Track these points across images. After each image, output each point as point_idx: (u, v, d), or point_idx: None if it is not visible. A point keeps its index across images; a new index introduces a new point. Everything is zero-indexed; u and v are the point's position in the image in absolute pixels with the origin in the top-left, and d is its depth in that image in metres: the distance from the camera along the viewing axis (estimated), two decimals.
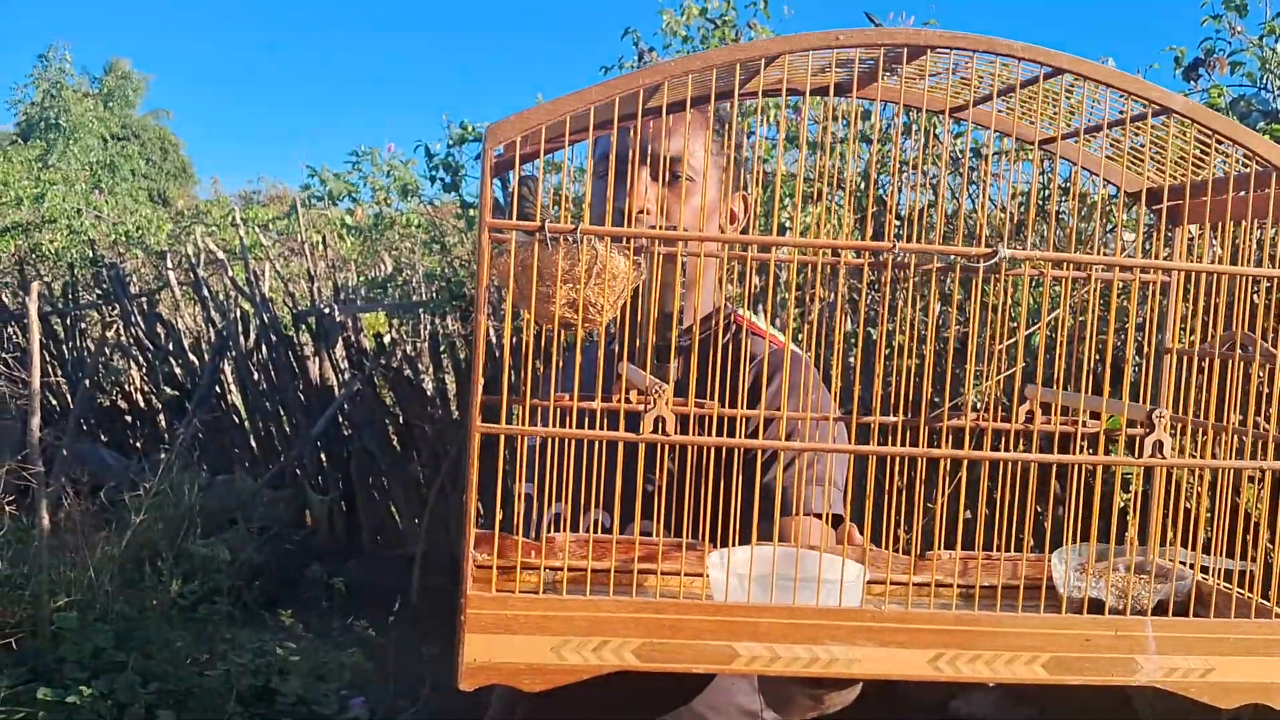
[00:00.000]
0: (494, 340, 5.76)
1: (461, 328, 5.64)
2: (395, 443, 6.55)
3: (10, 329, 7.62)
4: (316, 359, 6.72)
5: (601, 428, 1.07)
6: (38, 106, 26.49)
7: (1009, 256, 0.91)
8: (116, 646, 3.89)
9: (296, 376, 6.79)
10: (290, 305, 6.97)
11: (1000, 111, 1.07)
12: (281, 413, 6.98)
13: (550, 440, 1.17)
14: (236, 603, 4.59)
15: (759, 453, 1.42)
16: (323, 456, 6.83)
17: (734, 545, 1.04)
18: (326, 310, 6.34)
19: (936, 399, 1.06)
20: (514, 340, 5.24)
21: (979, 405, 1.02)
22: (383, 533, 6.67)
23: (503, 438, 0.99)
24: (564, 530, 1.22)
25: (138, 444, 7.59)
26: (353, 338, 6.55)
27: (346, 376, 6.54)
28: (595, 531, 1.34)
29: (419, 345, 6.38)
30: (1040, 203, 3.19)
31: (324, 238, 6.91)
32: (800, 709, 1.25)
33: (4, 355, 6.26)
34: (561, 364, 1.83)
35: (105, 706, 3.53)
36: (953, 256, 0.95)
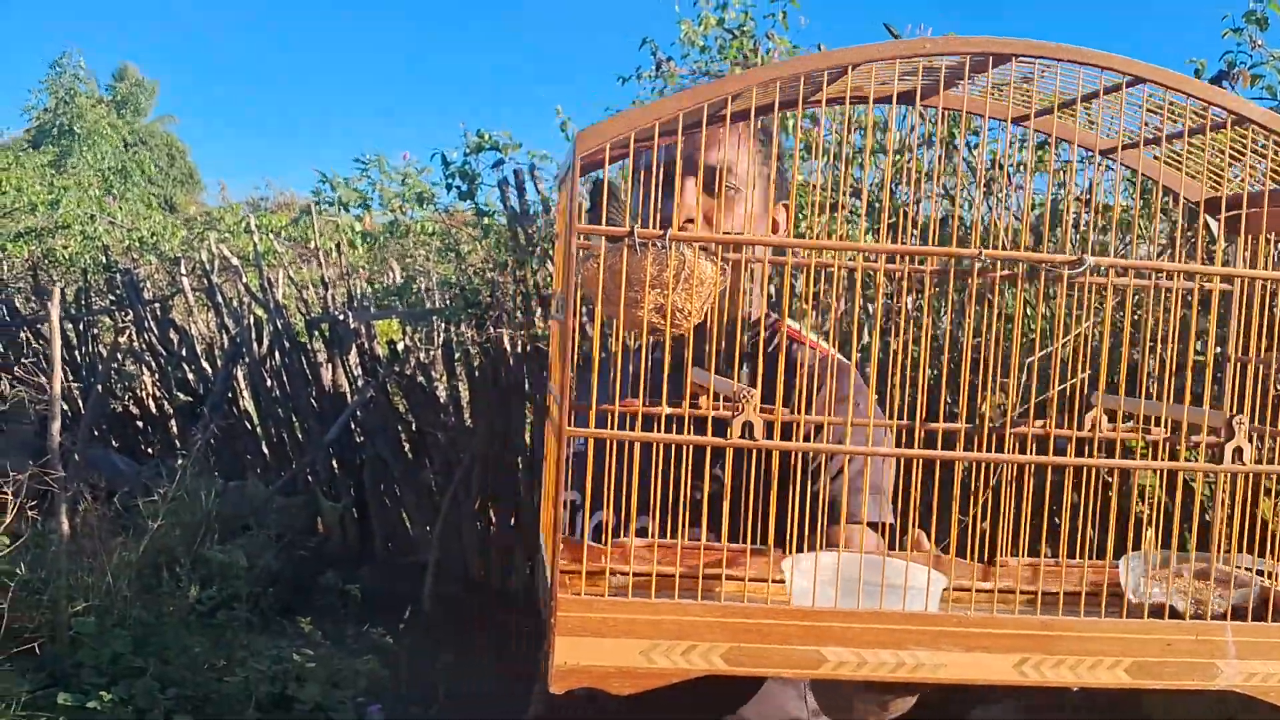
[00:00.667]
0: (509, 348, 5.77)
1: (476, 335, 5.64)
2: (408, 450, 6.55)
3: (24, 334, 7.64)
4: (330, 365, 6.73)
5: (668, 433, 1.07)
6: (50, 113, 26.60)
7: (1094, 265, 0.91)
8: (134, 652, 3.89)
9: (309, 383, 6.80)
10: (304, 311, 6.98)
11: (1060, 119, 1.07)
12: (294, 419, 6.99)
13: (610, 445, 1.17)
14: (253, 609, 4.59)
15: (809, 461, 1.42)
16: (335, 463, 6.83)
17: (797, 551, 1.04)
18: (341, 317, 6.34)
19: (1001, 405, 1.07)
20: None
21: (1044, 412, 1.02)
22: (394, 540, 6.66)
23: (591, 441, 0.99)
24: (630, 536, 1.22)
25: (149, 449, 7.60)
26: (366, 344, 6.56)
27: (360, 383, 6.54)
28: (644, 538, 1.34)
29: (432, 352, 6.38)
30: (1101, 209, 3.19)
31: (338, 245, 6.92)
32: (861, 715, 1.25)
33: (24, 361, 6.27)
34: (604, 371, 1.84)
35: (125, 712, 3.53)
36: (1028, 263, 0.95)
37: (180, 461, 5.31)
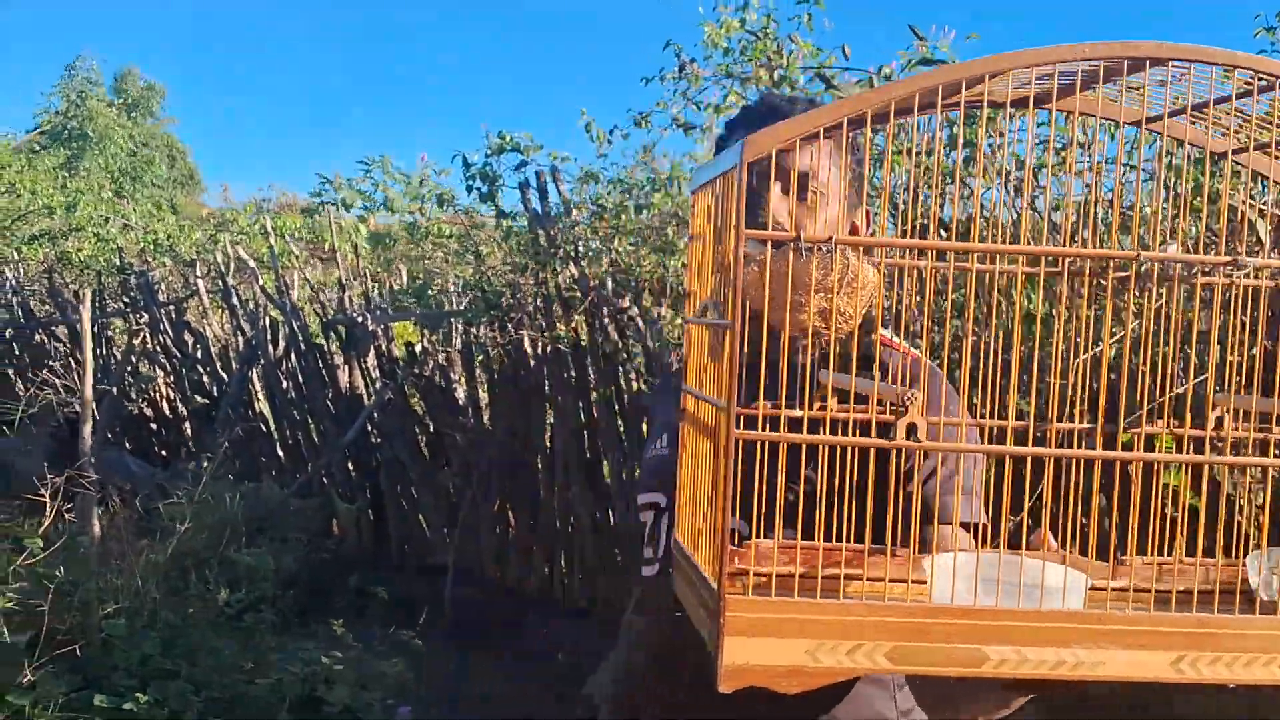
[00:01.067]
0: (529, 350, 5.78)
1: (499, 336, 5.64)
2: (425, 452, 6.55)
3: (39, 335, 7.64)
4: (346, 367, 6.73)
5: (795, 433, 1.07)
6: (61, 115, 26.65)
7: (1253, 266, 0.92)
8: (163, 654, 3.89)
9: (325, 385, 6.80)
10: (320, 313, 6.98)
11: (1193, 124, 1.08)
12: (310, 421, 6.99)
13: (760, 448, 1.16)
14: (278, 612, 4.59)
15: (904, 463, 1.42)
16: (350, 465, 6.83)
17: (937, 551, 1.05)
18: (360, 319, 6.34)
19: (1139, 406, 1.07)
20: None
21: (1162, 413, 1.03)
22: (410, 543, 6.66)
23: (765, 444, 0.99)
24: (775, 536, 1.21)
25: (163, 452, 7.60)
26: (384, 346, 6.56)
27: (378, 385, 6.54)
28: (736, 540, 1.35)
29: (450, 354, 6.38)
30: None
31: (355, 245, 6.93)
32: (984, 708, 1.26)
33: (51, 363, 6.26)
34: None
35: (160, 713, 3.53)
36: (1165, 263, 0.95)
37: (205, 464, 5.31)
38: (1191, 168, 1.18)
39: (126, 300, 7.85)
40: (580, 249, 5.41)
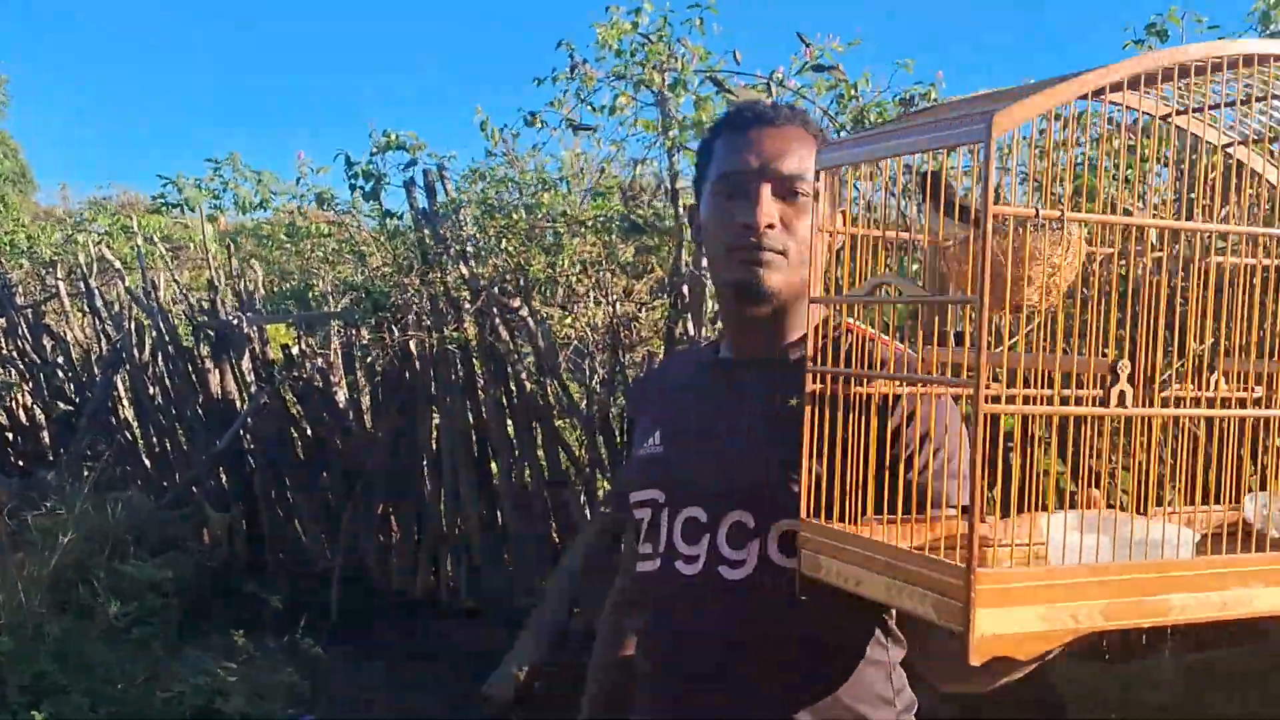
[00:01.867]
0: (415, 352, 5.71)
1: (389, 338, 5.56)
2: (303, 458, 6.42)
3: None
4: (218, 372, 6.55)
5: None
6: None
7: None
8: (57, 670, 3.75)
9: (197, 390, 6.61)
10: (189, 316, 6.77)
11: None
12: (179, 428, 6.78)
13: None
14: (166, 623, 4.46)
15: (903, 450, 1.47)
16: (222, 472, 6.65)
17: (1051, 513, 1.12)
18: (234, 321, 6.18)
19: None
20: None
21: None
22: (287, 550, 6.53)
23: (1015, 418, 1.04)
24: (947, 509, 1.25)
25: (19, 462, 7.28)
26: (258, 349, 6.41)
27: (253, 390, 6.38)
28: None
29: (329, 357, 6.27)
30: None
31: (229, 245, 6.74)
32: (991, 678, 1.32)
33: None
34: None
35: None
36: None
37: (67, 474, 5.11)
38: None
39: None
40: (469, 248, 5.38)
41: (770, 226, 1.53)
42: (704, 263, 3.53)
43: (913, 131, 1.09)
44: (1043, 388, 1.08)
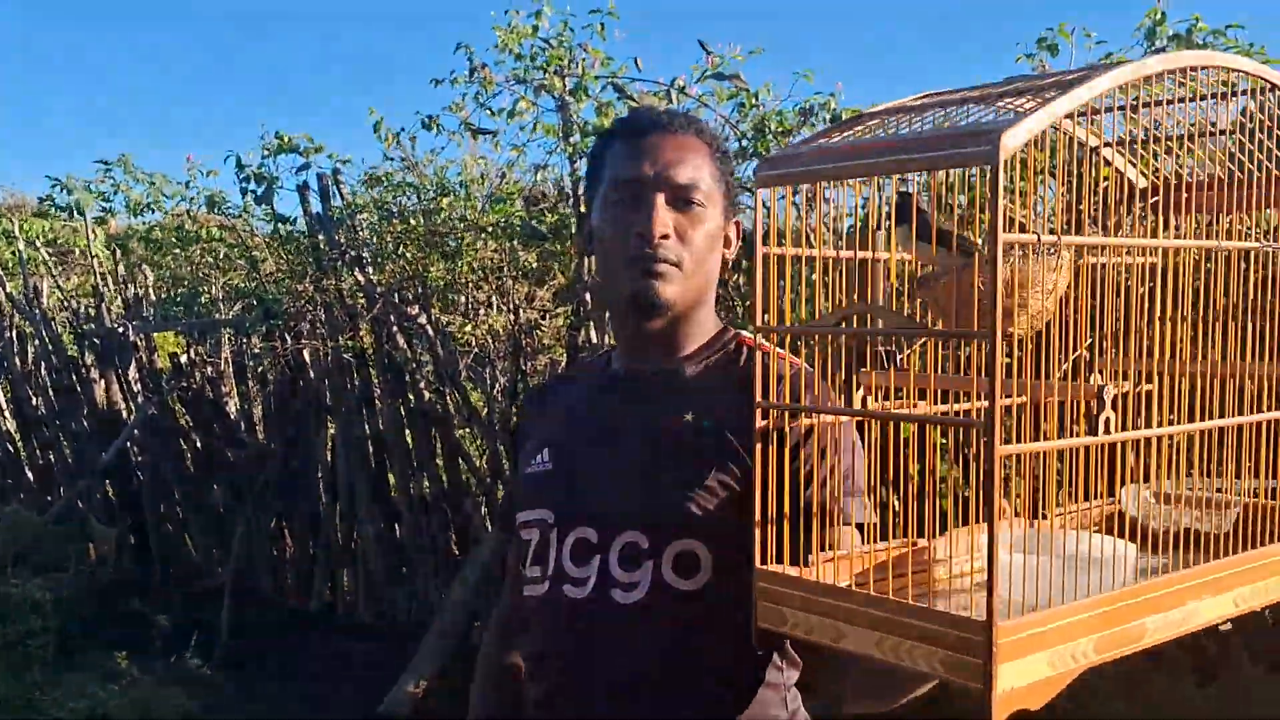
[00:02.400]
0: (309, 361, 5.56)
1: (281, 347, 5.40)
2: (193, 470, 6.23)
3: None
4: (103, 381, 6.32)
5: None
6: None
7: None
8: None
9: (82, 400, 6.37)
10: (73, 323, 6.53)
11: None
12: (63, 439, 6.54)
13: None
14: (46, 644, 4.27)
15: (800, 467, 1.43)
16: (108, 486, 6.42)
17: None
18: (120, 329, 5.97)
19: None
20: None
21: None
22: (178, 566, 6.32)
23: (1025, 456, 0.99)
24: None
25: None
26: (145, 358, 6.20)
27: (140, 400, 6.17)
28: None
29: (220, 366, 6.08)
30: None
31: (114, 250, 6.52)
32: (907, 691, 1.29)
33: None
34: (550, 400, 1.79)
35: None
36: None
37: None
38: None
39: None
40: (365, 254, 5.25)
41: (665, 237, 1.48)
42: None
43: (893, 148, 1.01)
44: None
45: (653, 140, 1.52)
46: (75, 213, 6.48)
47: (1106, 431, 1.01)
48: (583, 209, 4.44)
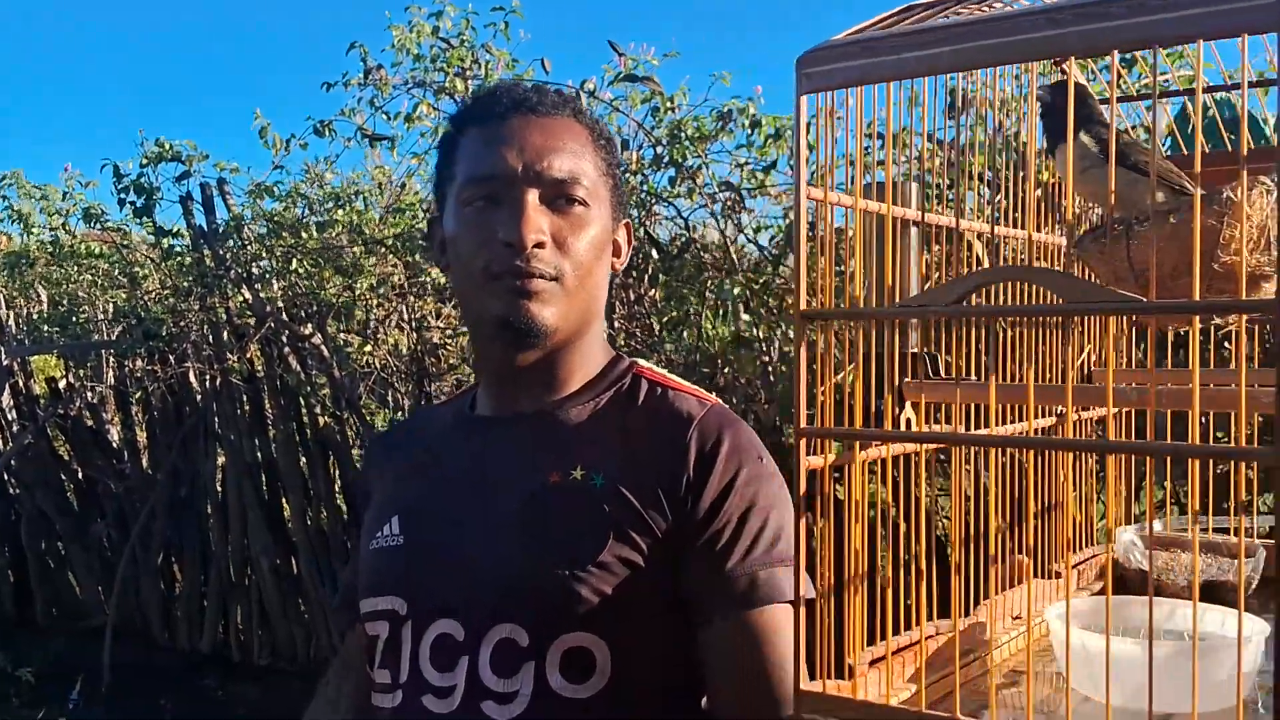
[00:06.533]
0: (195, 385, 5.20)
1: (161, 369, 5.03)
2: (74, 503, 5.83)
3: None
4: None
5: None
6: None
7: None
8: None
9: None
10: None
11: None
12: None
13: None
14: None
15: (716, 539, 1.15)
16: None
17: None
18: None
19: None
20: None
21: None
22: (60, 605, 5.92)
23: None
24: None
25: None
26: (21, 383, 5.79)
27: (15, 429, 5.76)
28: None
29: (102, 391, 5.69)
30: None
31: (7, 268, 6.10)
32: None
33: None
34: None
35: None
36: None
37: None
38: None
39: None
40: (254, 270, 4.91)
41: (540, 245, 1.17)
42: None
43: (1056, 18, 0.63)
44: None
45: (517, 124, 1.22)
46: None
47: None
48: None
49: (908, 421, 0.87)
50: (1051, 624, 0.81)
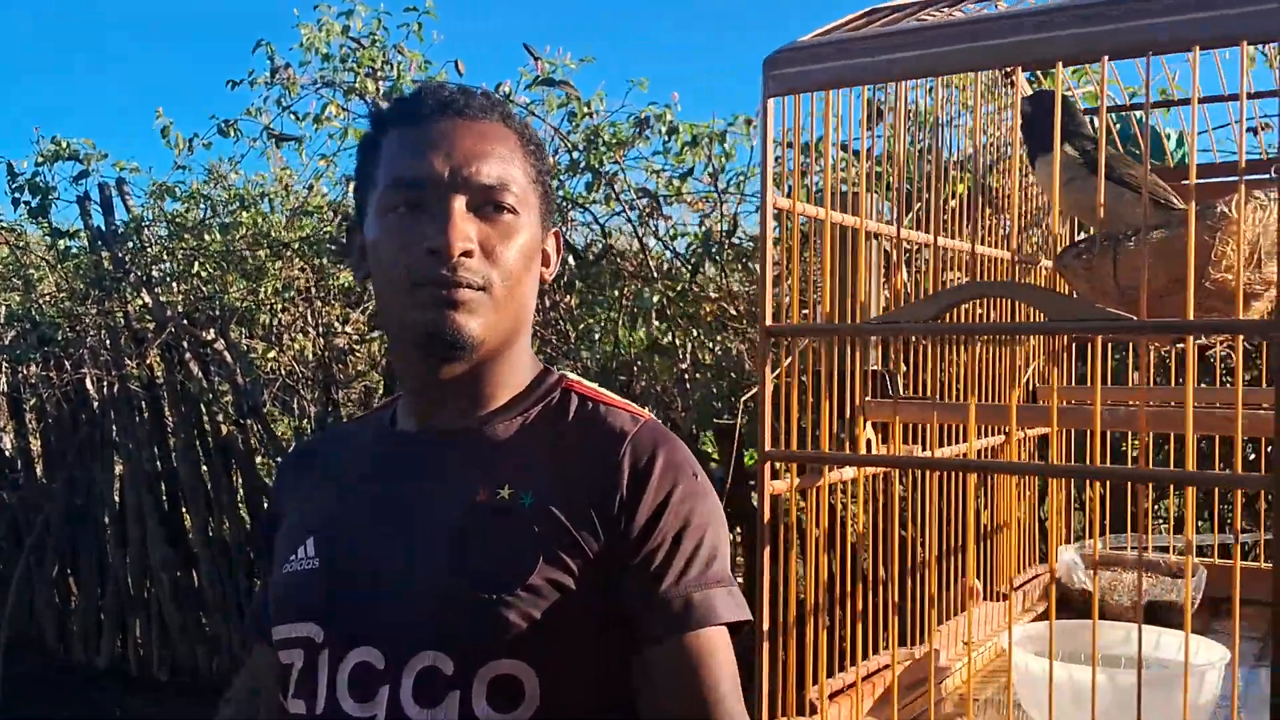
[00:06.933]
0: (93, 392, 5.04)
1: (56, 377, 4.87)
2: None
3: None
4: None
5: None
6: None
7: None
8: None
9: None
10: None
11: None
12: None
13: None
14: None
15: (651, 558, 1.10)
16: None
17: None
18: None
19: None
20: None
21: None
22: None
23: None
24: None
25: None
26: None
27: None
28: None
29: None
30: None
31: None
32: None
33: None
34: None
35: None
36: None
37: None
38: None
39: None
40: (154, 273, 4.79)
41: (467, 254, 1.12)
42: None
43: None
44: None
45: (443, 127, 1.15)
46: None
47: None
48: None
49: (868, 442, 0.84)
50: (1013, 652, 0.80)
